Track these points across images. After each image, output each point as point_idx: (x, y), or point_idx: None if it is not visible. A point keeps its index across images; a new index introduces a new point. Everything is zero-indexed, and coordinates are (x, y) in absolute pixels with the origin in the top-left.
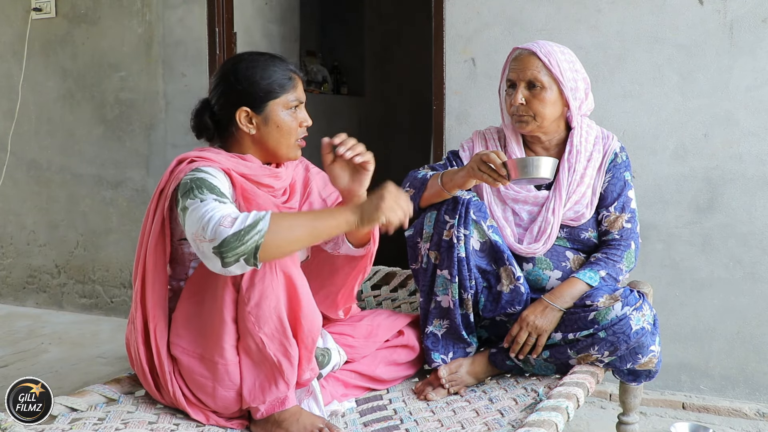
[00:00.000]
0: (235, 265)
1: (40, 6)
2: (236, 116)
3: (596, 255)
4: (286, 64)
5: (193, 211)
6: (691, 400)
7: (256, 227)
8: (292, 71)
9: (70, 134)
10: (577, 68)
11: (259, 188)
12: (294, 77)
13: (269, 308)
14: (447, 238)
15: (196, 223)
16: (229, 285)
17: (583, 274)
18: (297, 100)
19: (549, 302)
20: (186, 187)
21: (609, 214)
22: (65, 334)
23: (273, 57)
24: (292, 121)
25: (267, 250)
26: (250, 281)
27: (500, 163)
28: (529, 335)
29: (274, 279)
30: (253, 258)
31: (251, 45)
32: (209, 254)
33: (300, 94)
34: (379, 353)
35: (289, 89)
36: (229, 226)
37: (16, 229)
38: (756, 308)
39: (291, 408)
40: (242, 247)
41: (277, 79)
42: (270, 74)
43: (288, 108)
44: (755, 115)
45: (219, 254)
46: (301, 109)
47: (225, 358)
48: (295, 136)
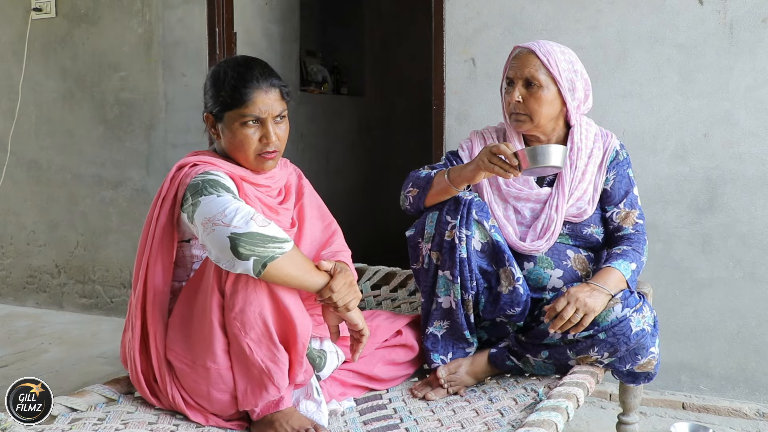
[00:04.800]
0: (242, 262)
1: (40, 6)
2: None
3: (621, 247)
4: (258, 77)
5: (210, 201)
6: (691, 400)
7: (281, 243)
8: (257, 87)
9: (70, 134)
10: (576, 69)
11: (257, 189)
12: (254, 95)
13: (254, 314)
14: (449, 238)
15: (217, 207)
16: (215, 291)
17: (618, 264)
18: (252, 116)
19: (596, 285)
20: (197, 187)
21: (619, 211)
22: (65, 334)
23: (248, 67)
24: (246, 137)
25: (275, 267)
26: (233, 287)
27: (511, 153)
28: (576, 311)
29: (257, 285)
30: (262, 266)
31: (251, 45)
32: (221, 239)
33: (260, 111)
34: (377, 353)
35: (243, 105)
36: (261, 225)
37: (16, 229)
38: (756, 308)
39: (285, 409)
40: (261, 249)
41: (234, 93)
42: (229, 86)
43: (242, 123)
44: (755, 115)
45: (235, 242)
46: (264, 124)
47: (217, 363)
48: (254, 151)
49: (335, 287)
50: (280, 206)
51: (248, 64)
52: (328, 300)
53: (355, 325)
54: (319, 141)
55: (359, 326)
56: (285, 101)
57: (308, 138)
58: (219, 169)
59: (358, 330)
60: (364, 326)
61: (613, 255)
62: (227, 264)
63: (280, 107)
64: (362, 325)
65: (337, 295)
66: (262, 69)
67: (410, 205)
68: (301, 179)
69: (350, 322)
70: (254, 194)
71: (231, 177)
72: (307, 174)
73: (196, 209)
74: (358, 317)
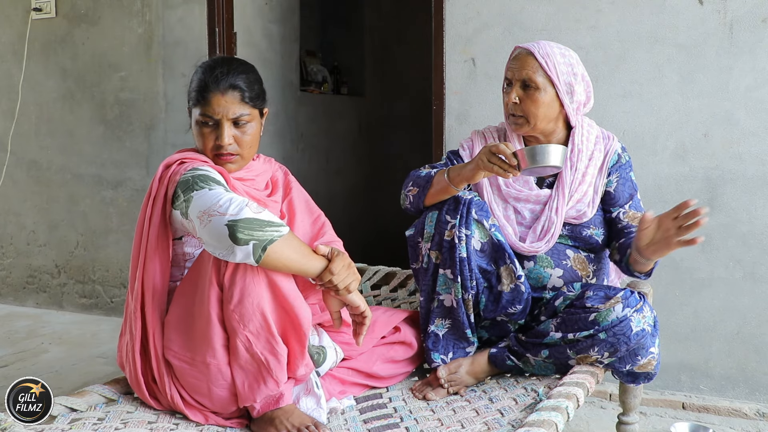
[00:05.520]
0: (242, 248)
1: (40, 6)
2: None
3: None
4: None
5: (203, 195)
6: (691, 400)
7: (278, 227)
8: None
9: (70, 134)
10: (576, 71)
11: (243, 183)
12: (210, 96)
13: (252, 305)
14: (448, 238)
15: (211, 199)
16: (214, 284)
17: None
18: (206, 116)
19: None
20: (188, 183)
21: (626, 211)
22: (65, 334)
23: (212, 68)
24: (202, 135)
25: (274, 251)
26: (231, 279)
27: (510, 152)
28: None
29: (255, 275)
30: (261, 249)
31: (251, 45)
32: (218, 228)
33: (215, 112)
34: (376, 350)
35: (199, 104)
36: (256, 212)
37: (16, 229)
38: (756, 308)
39: (285, 406)
40: (260, 234)
41: (194, 92)
42: (193, 84)
43: (200, 122)
44: (755, 115)
45: (233, 228)
46: (218, 127)
47: (217, 358)
48: (210, 150)
49: (335, 269)
50: (269, 198)
51: (215, 65)
52: (329, 284)
53: (357, 307)
54: (319, 141)
55: (361, 308)
56: (248, 104)
57: (308, 138)
58: (205, 164)
59: (361, 312)
60: (366, 308)
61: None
62: (226, 253)
63: (239, 110)
64: (364, 307)
65: (337, 277)
66: (228, 70)
67: (410, 204)
68: (288, 176)
69: (352, 304)
70: (242, 188)
71: (218, 171)
72: (307, 174)
73: (190, 204)
74: (359, 299)
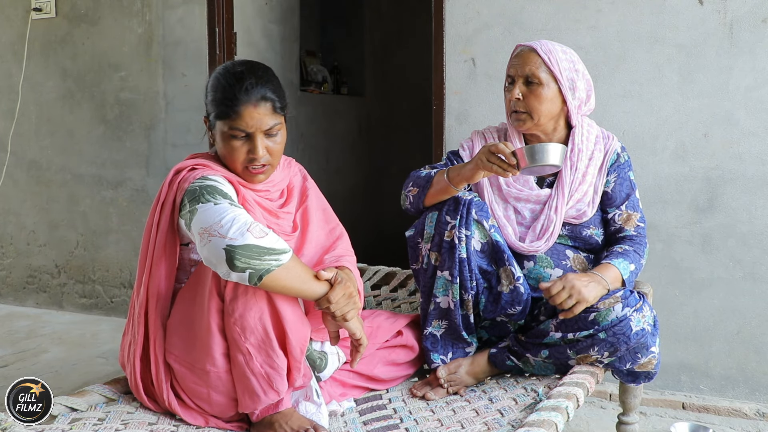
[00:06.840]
0: (237, 274)
1: (40, 6)
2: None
3: (622, 246)
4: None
5: (207, 210)
6: (691, 400)
7: (279, 255)
8: (245, 101)
9: (70, 134)
10: (577, 68)
11: (257, 194)
12: (241, 109)
13: (254, 319)
14: (448, 238)
15: (214, 217)
16: (214, 295)
17: (618, 262)
18: (238, 130)
19: (597, 274)
20: (195, 193)
21: (621, 213)
22: (65, 334)
23: (240, 78)
24: (233, 149)
25: (271, 279)
26: (233, 293)
27: (509, 152)
28: (570, 297)
29: (257, 290)
30: (257, 278)
31: (251, 45)
32: (216, 250)
33: (248, 126)
34: (377, 353)
35: (231, 118)
36: (258, 236)
37: (16, 229)
38: (756, 308)
39: (284, 410)
40: (257, 262)
41: (222, 104)
42: (220, 95)
43: (230, 135)
44: (755, 115)
45: (231, 254)
46: (251, 138)
47: (217, 366)
48: (241, 163)
49: (333, 298)
50: (281, 210)
51: (242, 74)
52: (326, 310)
53: (353, 335)
54: (319, 141)
55: (357, 335)
56: (279, 114)
57: (308, 138)
58: (217, 173)
59: (356, 339)
60: (362, 336)
61: (613, 252)
62: (223, 274)
63: (272, 121)
64: (360, 335)
65: (334, 306)
66: (256, 80)
67: (410, 205)
68: (306, 180)
69: (348, 331)
70: (254, 199)
71: (230, 181)
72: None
73: (193, 217)
74: (356, 327)
